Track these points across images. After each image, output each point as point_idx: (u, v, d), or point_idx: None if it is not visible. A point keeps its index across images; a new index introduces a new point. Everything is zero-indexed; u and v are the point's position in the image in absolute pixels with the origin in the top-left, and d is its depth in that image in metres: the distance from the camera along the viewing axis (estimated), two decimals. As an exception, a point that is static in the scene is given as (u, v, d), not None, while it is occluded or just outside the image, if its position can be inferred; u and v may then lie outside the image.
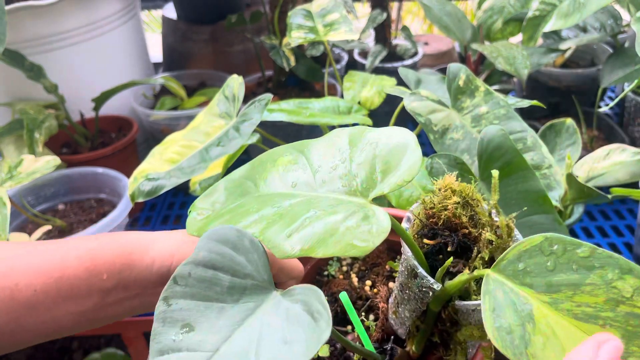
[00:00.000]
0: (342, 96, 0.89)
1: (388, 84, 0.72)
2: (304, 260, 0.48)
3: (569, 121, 0.71)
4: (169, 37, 1.18)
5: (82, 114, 0.95)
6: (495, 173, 0.34)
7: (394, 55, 1.07)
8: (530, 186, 0.50)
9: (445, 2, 0.89)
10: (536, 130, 0.71)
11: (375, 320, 0.41)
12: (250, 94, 0.99)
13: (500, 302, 0.26)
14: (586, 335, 0.24)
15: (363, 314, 0.44)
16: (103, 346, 1.28)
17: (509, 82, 1.10)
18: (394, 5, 1.93)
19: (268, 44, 0.88)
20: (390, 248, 0.48)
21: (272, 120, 0.60)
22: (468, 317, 0.32)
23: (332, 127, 1.00)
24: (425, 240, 0.33)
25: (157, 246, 0.39)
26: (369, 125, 0.65)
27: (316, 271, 0.50)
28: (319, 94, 0.97)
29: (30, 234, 0.70)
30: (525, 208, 0.48)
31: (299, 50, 0.90)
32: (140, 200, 0.51)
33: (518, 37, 0.87)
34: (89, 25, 0.92)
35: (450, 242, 0.33)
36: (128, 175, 0.82)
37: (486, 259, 0.32)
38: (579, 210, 0.67)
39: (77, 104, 0.94)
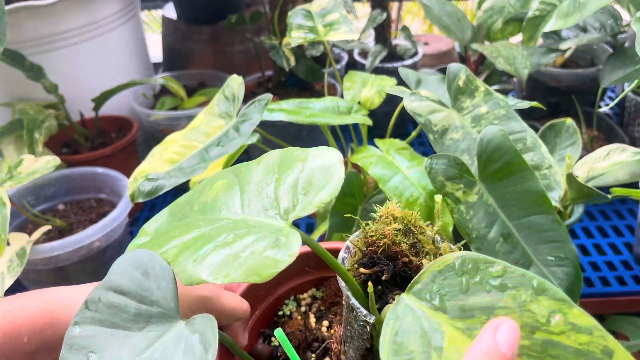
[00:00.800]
0: (342, 96, 0.89)
1: (388, 84, 0.72)
2: (256, 299, 0.46)
3: (569, 121, 0.71)
4: (169, 37, 1.18)
5: (82, 114, 0.95)
6: (438, 198, 0.35)
7: (394, 55, 1.07)
8: (530, 187, 0.50)
9: (445, 2, 0.89)
10: (536, 130, 0.71)
11: (331, 365, 0.38)
12: (250, 94, 0.99)
13: (406, 327, 0.24)
14: None
15: (314, 357, 0.41)
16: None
17: (509, 82, 1.10)
18: (394, 5, 1.93)
19: (268, 44, 0.88)
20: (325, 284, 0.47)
21: (272, 120, 0.60)
22: None
23: (332, 127, 1.00)
24: (361, 270, 0.32)
25: (84, 298, 0.37)
26: (368, 125, 0.65)
27: (273, 311, 0.48)
28: (319, 94, 0.97)
29: (30, 234, 0.70)
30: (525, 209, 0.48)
31: (299, 50, 0.90)
32: (140, 200, 0.51)
33: (518, 37, 0.87)
34: (89, 26, 0.92)
35: (386, 270, 0.31)
36: (128, 175, 0.82)
37: None
38: (579, 211, 0.67)
39: (77, 104, 0.94)
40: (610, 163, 0.66)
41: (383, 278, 0.31)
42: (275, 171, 0.35)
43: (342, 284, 0.32)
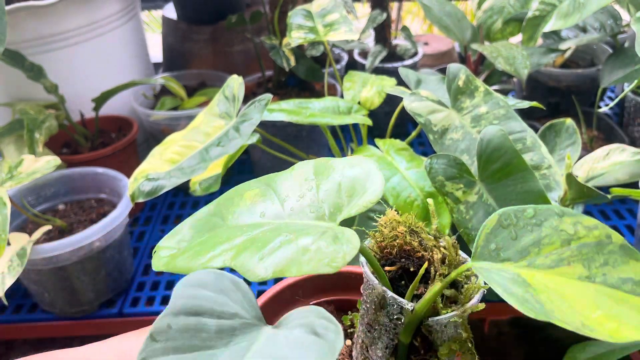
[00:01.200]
0: (342, 96, 0.89)
1: (388, 84, 0.72)
2: (274, 313, 0.45)
3: (569, 121, 0.71)
4: (169, 37, 1.18)
5: (82, 114, 0.95)
6: (431, 201, 0.39)
7: (394, 55, 1.07)
8: (530, 187, 0.50)
9: (445, 2, 0.89)
10: (536, 130, 0.71)
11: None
12: (250, 94, 0.99)
13: (500, 281, 0.28)
14: (565, 278, 0.28)
15: None
16: (103, 346, 1.28)
17: (508, 82, 1.10)
18: (394, 6, 1.93)
19: (268, 44, 0.88)
20: (339, 308, 0.46)
21: (272, 120, 0.60)
22: (442, 334, 0.33)
23: (332, 127, 1.00)
24: (387, 268, 0.34)
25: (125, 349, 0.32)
26: (368, 125, 0.65)
27: None
28: (319, 94, 0.97)
29: (30, 234, 0.70)
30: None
31: (299, 51, 0.91)
32: (141, 200, 0.51)
33: (518, 37, 0.87)
34: (89, 26, 0.92)
35: (410, 264, 0.34)
36: (128, 175, 0.82)
37: (445, 274, 0.33)
38: (578, 211, 0.67)
39: (77, 104, 0.94)
40: (610, 163, 0.66)
41: (411, 270, 0.34)
42: (312, 179, 0.36)
43: (374, 281, 0.33)
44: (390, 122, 0.66)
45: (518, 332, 1.29)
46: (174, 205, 0.99)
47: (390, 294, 0.32)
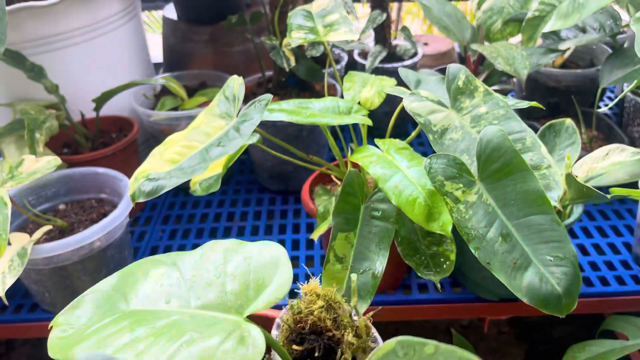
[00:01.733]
0: (342, 96, 0.89)
1: (388, 84, 0.72)
2: None
3: (568, 121, 0.71)
4: (170, 37, 1.18)
5: (83, 114, 0.95)
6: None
7: (393, 55, 1.07)
8: (529, 187, 0.50)
9: (445, 3, 0.89)
10: (535, 130, 0.71)
11: None
12: (250, 94, 0.99)
13: None
14: None
15: None
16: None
17: (508, 82, 1.10)
18: (394, 6, 1.93)
19: (268, 44, 0.88)
20: None
21: (273, 120, 0.60)
22: None
23: (332, 128, 1.00)
24: (294, 347, 0.35)
25: None
26: (368, 125, 0.65)
27: None
28: (319, 94, 0.98)
29: (31, 234, 0.70)
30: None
31: (299, 51, 0.91)
32: (141, 200, 0.51)
33: (517, 38, 0.87)
34: (90, 26, 0.92)
35: (317, 346, 0.35)
36: (129, 175, 0.82)
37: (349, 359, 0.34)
38: (578, 211, 0.68)
39: (77, 104, 0.94)
40: (610, 163, 0.66)
41: (316, 355, 0.35)
42: (221, 264, 0.35)
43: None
44: (390, 122, 0.66)
45: (517, 332, 1.29)
46: (174, 205, 0.99)
47: None
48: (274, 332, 0.38)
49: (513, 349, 1.26)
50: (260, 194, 1.00)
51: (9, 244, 0.66)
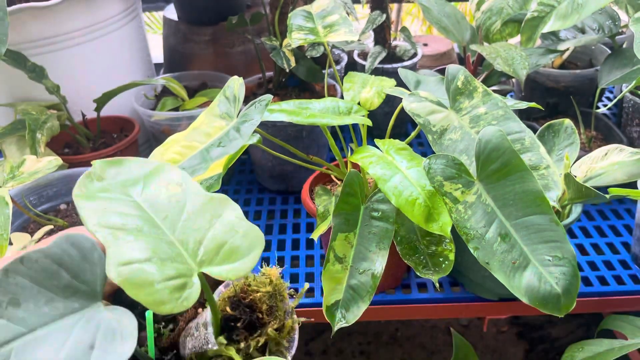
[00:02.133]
0: (342, 97, 0.89)
1: (388, 85, 0.72)
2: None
3: (567, 122, 0.71)
4: (170, 38, 1.18)
5: (84, 114, 0.95)
6: None
7: (393, 56, 1.07)
8: (528, 187, 0.50)
9: (445, 4, 0.90)
10: (534, 130, 0.71)
11: (172, 331, 0.44)
12: (250, 95, 0.99)
13: None
14: None
15: (163, 323, 0.44)
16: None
17: (507, 82, 1.10)
18: (394, 7, 1.93)
19: (268, 45, 0.89)
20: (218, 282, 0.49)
21: (273, 120, 0.60)
22: None
23: (333, 128, 1.01)
24: (227, 309, 0.39)
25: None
26: (368, 126, 0.65)
27: None
28: (319, 95, 0.98)
29: (32, 233, 0.70)
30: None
31: (299, 52, 0.91)
32: None
33: (517, 39, 0.87)
34: (91, 27, 0.93)
35: (243, 319, 0.39)
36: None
37: (259, 345, 0.38)
38: (577, 211, 0.68)
39: (78, 104, 0.94)
40: (608, 163, 0.66)
41: (238, 325, 0.39)
42: (211, 219, 0.37)
43: (207, 312, 0.38)
44: (389, 122, 0.67)
45: (517, 331, 1.30)
46: (174, 205, 0.99)
47: (210, 329, 0.37)
48: (221, 288, 0.42)
49: (512, 348, 1.26)
50: (261, 194, 1.01)
51: (10, 243, 0.67)
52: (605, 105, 1.23)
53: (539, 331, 1.27)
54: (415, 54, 1.06)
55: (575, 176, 0.65)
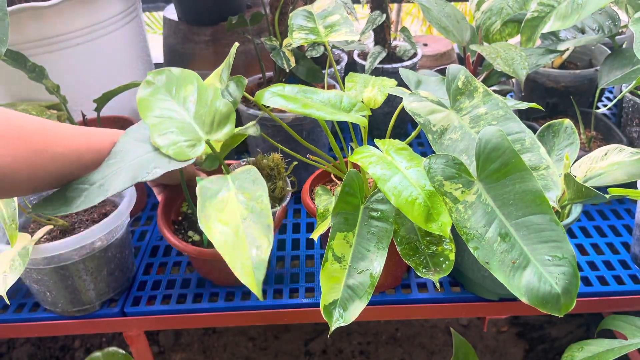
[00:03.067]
0: (342, 97, 0.89)
1: (388, 85, 0.72)
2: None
3: (567, 122, 0.71)
4: (170, 38, 1.18)
5: (84, 114, 0.95)
6: None
7: (393, 56, 1.07)
8: (528, 187, 0.50)
9: (445, 4, 0.90)
10: (534, 130, 0.71)
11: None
12: (250, 95, 0.99)
13: None
14: None
15: None
16: (104, 345, 1.28)
17: (507, 83, 1.10)
18: (394, 7, 1.93)
19: (269, 45, 0.89)
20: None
21: (273, 122, 0.60)
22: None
23: (333, 128, 1.00)
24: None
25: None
26: (368, 126, 0.65)
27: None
28: (319, 95, 0.98)
29: (32, 233, 0.70)
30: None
31: (299, 52, 0.91)
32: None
33: (517, 39, 0.87)
34: (91, 27, 0.93)
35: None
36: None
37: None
38: (577, 211, 0.68)
39: (79, 104, 0.94)
40: (608, 163, 0.66)
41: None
42: (208, 101, 0.58)
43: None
44: (390, 122, 0.67)
45: (517, 331, 1.30)
46: (174, 205, 0.99)
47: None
48: (241, 163, 0.74)
49: (512, 348, 1.26)
50: (261, 194, 1.01)
51: (11, 243, 0.67)
52: (605, 105, 1.23)
53: (539, 331, 1.27)
54: (415, 54, 1.06)
55: (575, 176, 0.65)
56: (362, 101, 0.66)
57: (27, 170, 0.51)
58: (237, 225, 0.48)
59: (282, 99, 0.60)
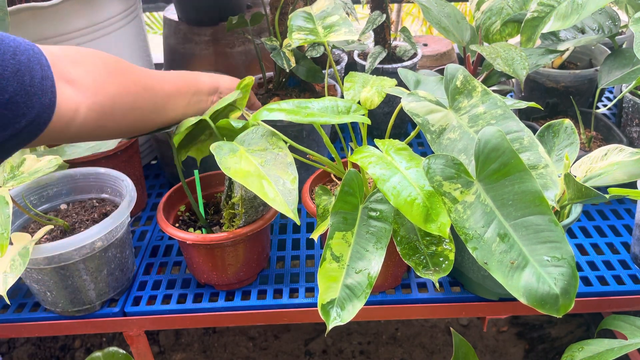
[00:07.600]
0: (342, 96, 0.89)
1: (388, 85, 0.72)
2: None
3: (567, 122, 0.71)
4: (170, 38, 1.18)
5: (84, 114, 0.95)
6: None
7: (393, 56, 1.07)
8: (527, 187, 0.50)
9: (445, 4, 0.90)
10: (534, 130, 0.71)
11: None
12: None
13: None
14: None
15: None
16: (105, 345, 1.28)
17: (507, 83, 1.10)
18: (394, 7, 1.93)
19: (269, 45, 0.89)
20: None
21: (273, 120, 0.61)
22: None
23: (333, 128, 1.00)
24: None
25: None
26: (368, 126, 0.65)
27: None
28: (319, 95, 0.98)
29: (32, 233, 0.70)
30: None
31: (299, 52, 0.91)
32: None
33: (516, 39, 0.87)
34: (91, 27, 0.93)
35: None
36: (130, 175, 0.82)
37: None
38: (576, 211, 0.68)
39: (79, 104, 0.94)
40: (608, 163, 0.66)
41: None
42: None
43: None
44: (389, 122, 0.67)
45: (517, 331, 1.30)
46: (175, 205, 1.00)
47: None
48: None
49: (512, 348, 1.26)
50: (261, 194, 1.01)
51: (11, 243, 0.67)
52: (605, 105, 1.23)
53: (539, 331, 1.27)
54: (415, 54, 1.06)
55: (575, 176, 0.65)
56: (359, 102, 0.66)
57: (130, 97, 0.60)
58: (257, 169, 0.58)
59: (283, 112, 0.61)
